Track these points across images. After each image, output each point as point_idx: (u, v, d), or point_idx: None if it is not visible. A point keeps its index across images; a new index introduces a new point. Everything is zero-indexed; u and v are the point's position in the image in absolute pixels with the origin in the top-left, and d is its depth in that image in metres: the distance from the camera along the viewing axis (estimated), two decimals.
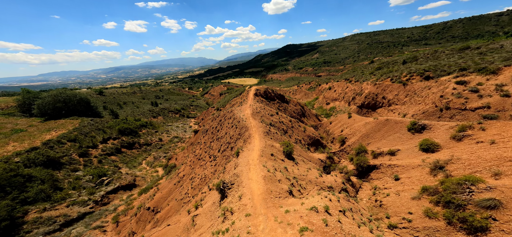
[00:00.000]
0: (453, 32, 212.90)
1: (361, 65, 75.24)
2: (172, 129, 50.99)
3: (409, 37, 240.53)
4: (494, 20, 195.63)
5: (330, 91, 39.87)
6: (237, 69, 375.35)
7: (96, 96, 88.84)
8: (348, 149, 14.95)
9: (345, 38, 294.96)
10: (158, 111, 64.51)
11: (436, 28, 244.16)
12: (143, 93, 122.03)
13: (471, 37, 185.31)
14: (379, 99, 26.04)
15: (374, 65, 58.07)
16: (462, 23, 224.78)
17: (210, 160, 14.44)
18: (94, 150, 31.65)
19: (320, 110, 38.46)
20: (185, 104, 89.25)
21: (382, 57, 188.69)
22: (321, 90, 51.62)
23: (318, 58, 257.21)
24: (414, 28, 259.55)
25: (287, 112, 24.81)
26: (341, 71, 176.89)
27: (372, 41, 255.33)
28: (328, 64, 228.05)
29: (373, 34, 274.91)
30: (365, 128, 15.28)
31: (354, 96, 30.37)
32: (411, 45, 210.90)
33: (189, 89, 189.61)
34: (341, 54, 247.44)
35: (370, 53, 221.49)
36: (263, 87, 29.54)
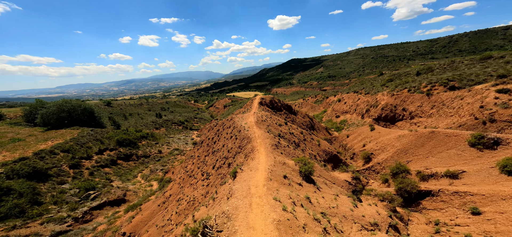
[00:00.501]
0: (460, 46, 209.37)
1: (369, 78, 72.48)
2: (173, 141, 48.84)
3: (414, 51, 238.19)
4: (501, 34, 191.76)
5: (340, 103, 37.08)
6: (242, 83, 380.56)
7: (104, 107, 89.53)
8: (377, 167, 11.94)
9: (349, 52, 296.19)
10: (161, 122, 63.11)
11: (442, 42, 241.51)
12: (150, 104, 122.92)
13: (479, 50, 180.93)
14: (399, 111, 22.99)
15: (385, 77, 55.30)
16: (468, 37, 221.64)
17: (202, 179, 11.64)
18: (88, 161, 29.54)
19: (329, 123, 35.45)
20: (189, 116, 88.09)
21: (389, 70, 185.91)
22: (329, 103, 48.83)
23: (323, 72, 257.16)
24: (419, 42, 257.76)
25: (296, 124, 22.14)
26: (347, 85, 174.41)
27: (377, 55, 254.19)
28: (333, 78, 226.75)
29: (378, 48, 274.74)
30: (399, 143, 12.32)
31: (368, 108, 27.46)
32: (417, 59, 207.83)
33: (194, 102, 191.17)
34: (345, 68, 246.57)
35: (375, 67, 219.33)
36: (269, 96, 27.13)
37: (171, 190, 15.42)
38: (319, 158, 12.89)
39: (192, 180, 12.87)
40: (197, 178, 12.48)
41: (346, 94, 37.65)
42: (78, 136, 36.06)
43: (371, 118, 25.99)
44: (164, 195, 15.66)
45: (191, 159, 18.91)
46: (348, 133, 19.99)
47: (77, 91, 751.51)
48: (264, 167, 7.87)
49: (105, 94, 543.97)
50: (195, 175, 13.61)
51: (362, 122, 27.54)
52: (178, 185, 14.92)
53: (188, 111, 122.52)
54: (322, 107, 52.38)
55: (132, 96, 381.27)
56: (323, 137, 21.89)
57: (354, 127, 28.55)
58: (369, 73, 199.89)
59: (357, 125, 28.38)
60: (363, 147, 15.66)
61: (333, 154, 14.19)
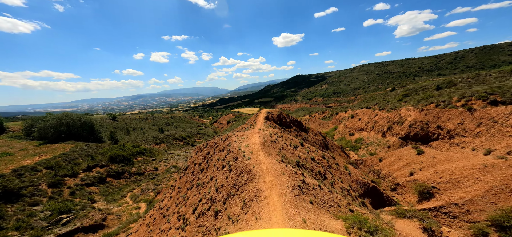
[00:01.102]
0: (467, 62, 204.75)
1: (380, 94, 68.59)
2: (172, 157, 45.44)
3: (420, 67, 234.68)
4: (508, 50, 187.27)
5: (354, 120, 33.21)
6: (247, 99, 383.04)
7: (109, 121, 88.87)
8: (454, 210, 7.90)
9: (353, 69, 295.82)
10: (162, 137, 60.40)
11: (448, 58, 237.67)
12: (155, 119, 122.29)
13: (487, 66, 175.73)
14: (432, 129, 18.97)
15: (398, 92, 51.44)
16: (474, 53, 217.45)
17: (176, 226, 7.69)
18: (72, 179, 26.29)
19: (342, 141, 31.32)
20: (192, 132, 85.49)
21: (395, 86, 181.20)
22: (339, 119, 44.88)
23: (327, 89, 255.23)
24: (424, 58, 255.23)
25: (308, 143, 18.46)
26: (353, 101, 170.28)
27: (382, 72, 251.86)
28: (338, 94, 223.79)
29: (382, 65, 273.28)
30: (490, 177, 8.29)
31: (391, 125, 23.51)
32: (423, 75, 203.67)
33: (199, 118, 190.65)
34: (350, 85, 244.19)
35: (380, 84, 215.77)
36: (276, 110, 23.77)
37: (137, 233, 11.56)
38: (353, 192, 8.97)
39: (164, 225, 8.99)
40: (171, 222, 8.63)
41: (360, 110, 33.86)
42: (69, 151, 33.40)
43: (395, 136, 21.91)
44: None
45: (171, 190, 15.25)
46: (381, 155, 15.77)
47: (90, 106, 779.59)
48: None
49: (115, 108, 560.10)
50: (170, 216, 9.75)
51: (384, 141, 23.40)
52: (146, 228, 11.01)
53: (192, 127, 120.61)
54: (331, 124, 48.34)
55: (141, 111, 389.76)
56: (344, 162, 18.01)
57: (374, 147, 24.36)
58: (374, 90, 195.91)
59: (378, 144, 24.21)
60: (411, 176, 11.63)
61: (370, 186, 10.24)
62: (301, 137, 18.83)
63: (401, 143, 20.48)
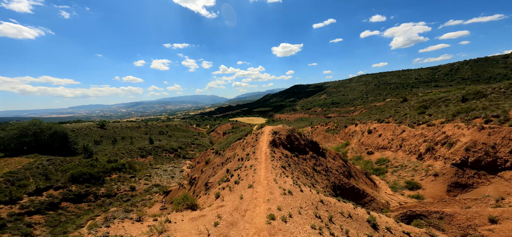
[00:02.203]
0: (462, 74, 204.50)
1: (389, 104, 63.31)
2: (157, 173, 38.54)
3: (417, 78, 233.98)
4: (502, 62, 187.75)
5: (372, 136, 27.29)
6: (246, 108, 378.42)
7: (96, 129, 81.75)
8: None
9: (351, 79, 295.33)
10: (150, 149, 53.51)
11: (443, 70, 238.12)
12: (148, 128, 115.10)
13: (482, 79, 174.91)
14: (503, 154, 13.08)
15: (411, 103, 46.15)
16: (469, 65, 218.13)
17: None
18: (8, 207, 19.47)
19: (360, 162, 25.18)
20: (186, 142, 78.57)
21: (393, 98, 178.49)
22: (349, 133, 38.92)
23: (326, 99, 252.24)
24: (421, 69, 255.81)
25: (331, 175, 12.43)
26: (352, 112, 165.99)
27: (379, 82, 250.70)
28: (336, 105, 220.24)
29: (380, 75, 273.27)
30: None
31: (431, 146, 17.61)
32: (421, 87, 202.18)
33: (196, 126, 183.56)
34: (349, 95, 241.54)
35: (378, 94, 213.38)
36: (284, 128, 17.32)
37: None
38: None
39: None
40: None
41: (379, 124, 28.02)
42: (22, 168, 26.61)
43: (442, 161, 15.92)
44: None
45: None
46: (498, 212, 8.82)
47: (88, 112, 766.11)
48: None
49: (113, 115, 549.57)
50: None
51: (423, 166, 17.36)
52: None
53: (187, 136, 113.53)
54: (339, 138, 42.26)
55: (138, 118, 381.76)
56: (366, 187, 11.91)
57: (409, 172, 18.27)
58: (373, 100, 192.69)
59: (413, 169, 18.15)
60: None
61: None
62: (321, 167, 12.73)
63: (456, 171, 14.49)
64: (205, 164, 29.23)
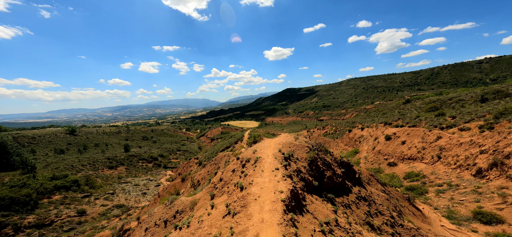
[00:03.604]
0: (442, 78, 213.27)
1: (391, 106, 59.26)
2: (124, 189, 30.29)
3: (401, 82, 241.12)
4: (477, 68, 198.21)
5: (391, 143, 21.64)
6: (238, 111, 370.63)
7: (64, 136, 70.49)
8: None
9: (341, 83, 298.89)
10: (123, 158, 44.68)
11: (425, 74, 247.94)
12: (130, 133, 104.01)
13: (460, 83, 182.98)
14: None
15: (417, 104, 41.93)
16: (448, 70, 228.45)
17: None
18: None
19: (382, 177, 19.30)
20: (170, 149, 69.79)
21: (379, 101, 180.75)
22: (355, 139, 33.37)
23: (317, 102, 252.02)
24: (405, 73, 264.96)
25: (387, 228, 6.27)
26: (344, 115, 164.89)
27: (367, 86, 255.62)
28: (327, 108, 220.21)
29: (367, 79, 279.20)
30: None
31: (500, 161, 11.99)
32: (405, 90, 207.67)
33: (186, 130, 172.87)
34: (339, 98, 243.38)
35: (367, 97, 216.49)
36: (299, 145, 9.17)
37: None
38: None
39: None
40: None
41: (401, 129, 22.48)
42: None
43: None
44: None
45: None
46: None
47: (69, 116, 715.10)
48: None
49: (97, 119, 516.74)
50: None
51: (493, 188, 11.65)
52: None
53: (173, 141, 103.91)
54: (342, 144, 36.61)
55: (125, 122, 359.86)
56: (426, 228, 5.91)
57: (468, 194, 12.53)
58: (362, 103, 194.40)
59: (475, 191, 12.49)
60: None
61: None
62: (380, 219, 6.22)
63: None
64: (181, 181, 21.86)
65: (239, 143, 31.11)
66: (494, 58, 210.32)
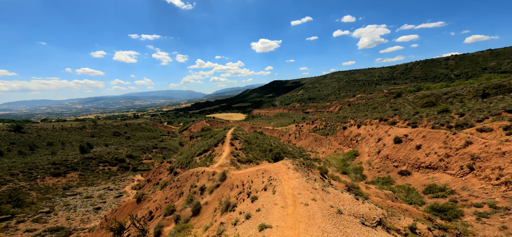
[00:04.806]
0: (414, 73, 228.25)
1: (379, 100, 57.49)
2: (69, 204, 22.88)
3: (379, 76, 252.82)
4: (444, 64, 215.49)
5: (402, 146, 17.78)
6: (224, 103, 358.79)
7: (7, 133, 57.13)
8: None
9: (325, 76, 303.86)
10: (76, 162, 35.97)
11: (400, 69, 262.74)
12: (98, 128, 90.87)
13: (429, 77, 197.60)
14: None
15: (409, 99, 39.85)
16: (419, 65, 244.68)
17: None
18: None
19: (392, 190, 15.41)
20: (144, 146, 61.02)
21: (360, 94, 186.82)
22: (351, 137, 29.73)
23: (303, 94, 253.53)
24: (383, 68, 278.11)
25: None
26: (328, 107, 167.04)
27: (350, 79, 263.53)
28: (313, 100, 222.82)
29: (350, 73, 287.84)
30: None
31: None
32: (383, 84, 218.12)
33: (167, 124, 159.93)
34: (324, 91, 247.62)
35: (349, 90, 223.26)
36: None
37: None
38: None
39: None
40: None
41: (414, 129, 18.74)
42: None
43: None
44: None
45: None
46: None
47: (29, 109, 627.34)
48: None
49: (64, 112, 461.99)
50: None
51: None
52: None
53: (151, 137, 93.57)
54: (336, 143, 32.94)
55: (99, 115, 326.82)
56: None
57: None
58: (344, 96, 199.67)
59: None
60: None
61: None
62: None
63: None
64: (136, 202, 15.62)
65: (219, 146, 25.35)
66: (459, 55, 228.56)
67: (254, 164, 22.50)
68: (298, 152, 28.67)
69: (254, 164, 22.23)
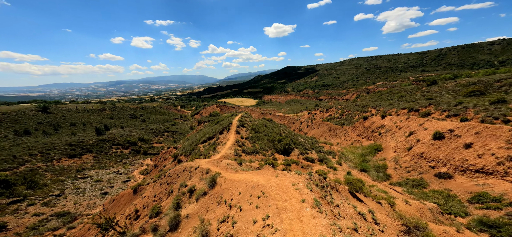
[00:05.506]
0: (449, 59, 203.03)
1: (406, 88, 50.96)
2: (79, 187, 23.61)
3: (406, 63, 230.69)
4: (487, 49, 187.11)
5: (444, 144, 14.24)
6: (235, 88, 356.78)
7: (35, 113, 61.76)
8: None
9: (343, 62, 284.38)
10: (90, 144, 37.28)
11: (431, 55, 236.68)
12: (116, 110, 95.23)
13: (467, 65, 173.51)
14: None
15: (448, 87, 33.78)
16: (456, 51, 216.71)
17: None
18: None
19: (425, 195, 12.40)
20: (157, 130, 62.38)
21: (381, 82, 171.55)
22: (373, 129, 26.06)
23: (317, 81, 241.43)
24: (410, 54, 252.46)
25: None
26: (344, 95, 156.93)
27: (370, 66, 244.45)
28: (327, 87, 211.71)
29: (371, 59, 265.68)
30: None
31: None
32: (409, 71, 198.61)
33: (181, 107, 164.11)
34: (340, 78, 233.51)
35: (368, 78, 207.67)
36: None
37: None
38: None
39: None
40: None
41: (463, 124, 15.07)
42: None
43: None
44: None
45: None
46: None
47: (61, 91, 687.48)
48: None
49: (90, 94, 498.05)
50: None
51: None
52: None
53: (164, 120, 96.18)
54: (353, 134, 29.39)
55: (120, 98, 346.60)
56: None
57: None
58: (363, 84, 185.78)
59: None
60: None
61: None
62: None
63: None
64: (133, 193, 14.74)
65: (224, 134, 23.56)
66: (507, 39, 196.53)
67: (260, 155, 20.48)
68: (310, 143, 26.00)
69: (261, 156, 20.19)
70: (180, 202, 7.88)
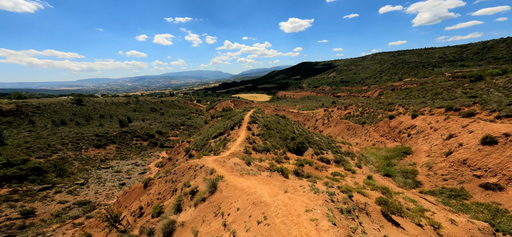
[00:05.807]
0: (495, 53, 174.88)
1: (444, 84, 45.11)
2: (101, 177, 25.38)
3: (441, 57, 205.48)
4: None
5: (495, 150, 11.74)
6: (250, 84, 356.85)
7: (71, 105, 68.82)
8: None
9: (365, 57, 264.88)
10: (114, 135, 40.02)
11: (474, 48, 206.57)
12: (139, 104, 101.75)
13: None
14: None
15: (498, 83, 28.58)
16: (505, 43, 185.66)
17: None
18: None
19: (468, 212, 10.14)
20: (173, 123, 65.00)
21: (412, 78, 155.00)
22: (400, 129, 23.21)
23: (335, 77, 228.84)
24: (446, 48, 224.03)
25: None
26: (365, 92, 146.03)
27: (397, 61, 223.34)
28: (346, 83, 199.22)
29: (397, 54, 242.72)
30: None
31: None
32: (444, 66, 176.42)
33: (197, 102, 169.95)
34: (360, 74, 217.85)
35: (394, 74, 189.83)
36: None
37: None
38: None
39: None
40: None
41: None
42: None
43: None
44: None
45: None
46: None
47: (95, 85, 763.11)
48: None
49: (119, 89, 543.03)
50: None
51: None
52: None
53: (181, 114, 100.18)
54: (376, 134, 26.62)
55: (143, 92, 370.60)
56: None
57: None
58: (387, 80, 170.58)
59: None
60: None
61: None
62: None
63: None
64: (144, 187, 14.98)
65: (235, 129, 22.98)
66: None
67: (272, 153, 19.44)
68: (325, 142, 24.14)
69: (272, 154, 19.15)
70: (181, 204, 7.37)
